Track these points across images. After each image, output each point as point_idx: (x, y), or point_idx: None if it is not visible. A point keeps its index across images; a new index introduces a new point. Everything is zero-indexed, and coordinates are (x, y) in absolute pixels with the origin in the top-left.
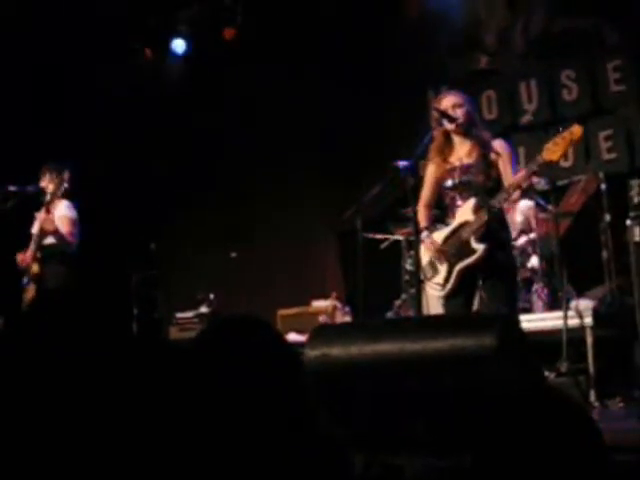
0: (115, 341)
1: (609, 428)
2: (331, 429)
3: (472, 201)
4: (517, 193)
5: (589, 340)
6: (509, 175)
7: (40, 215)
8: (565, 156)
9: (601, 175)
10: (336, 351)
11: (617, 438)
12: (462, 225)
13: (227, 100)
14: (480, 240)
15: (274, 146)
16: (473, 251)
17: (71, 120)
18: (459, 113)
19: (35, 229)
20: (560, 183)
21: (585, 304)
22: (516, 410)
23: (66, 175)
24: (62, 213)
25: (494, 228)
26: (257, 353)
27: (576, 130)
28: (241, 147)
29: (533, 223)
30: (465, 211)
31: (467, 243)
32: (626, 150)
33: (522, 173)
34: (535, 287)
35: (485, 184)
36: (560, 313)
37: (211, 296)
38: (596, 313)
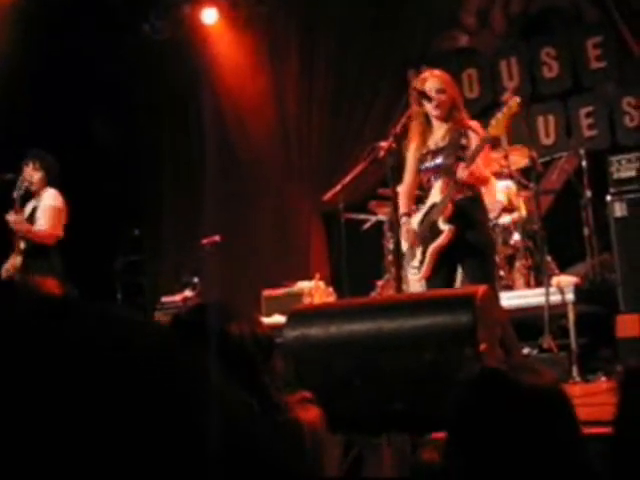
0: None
1: (592, 402)
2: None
3: (440, 182)
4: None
5: (571, 316)
6: None
7: (10, 214)
8: (547, 134)
9: (582, 152)
10: (315, 331)
11: (600, 412)
12: (432, 207)
13: (201, 82)
14: (447, 221)
15: (256, 127)
16: (441, 232)
17: (51, 106)
18: (442, 98)
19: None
20: (541, 160)
21: (567, 280)
22: (484, 384)
23: (50, 164)
24: (47, 203)
25: (466, 208)
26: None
27: (513, 103)
28: (224, 129)
29: (515, 202)
30: (435, 193)
31: (436, 224)
32: (607, 127)
33: (473, 147)
34: (517, 264)
35: (454, 166)
36: (542, 290)
37: (195, 279)
38: (578, 289)
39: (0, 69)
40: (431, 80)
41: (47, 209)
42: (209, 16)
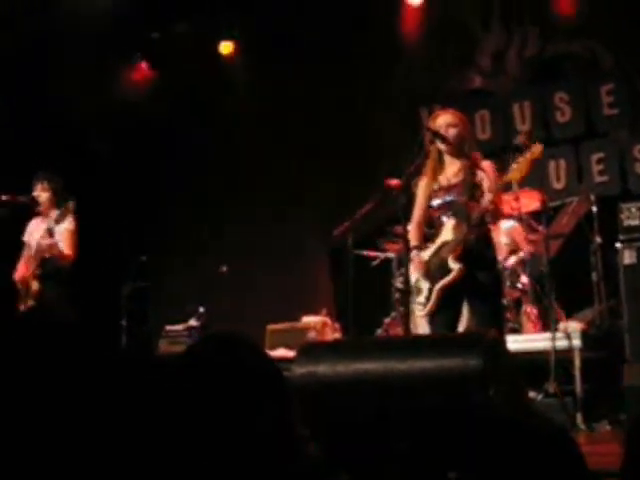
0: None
1: (595, 451)
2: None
3: (452, 220)
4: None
5: (577, 362)
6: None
7: (44, 238)
8: (557, 178)
9: (592, 197)
10: (323, 369)
11: (604, 462)
12: (443, 245)
13: (217, 115)
14: (458, 259)
15: (266, 162)
16: (450, 270)
17: (65, 131)
18: (451, 133)
19: (27, 239)
20: (552, 204)
21: (574, 326)
22: (500, 431)
23: (59, 185)
24: (65, 226)
25: (475, 247)
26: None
27: (535, 149)
28: (232, 162)
29: (521, 243)
30: (446, 231)
31: (445, 262)
32: (618, 173)
33: (492, 183)
34: (524, 308)
35: (467, 205)
36: (549, 334)
37: (201, 309)
38: (585, 335)
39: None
40: (443, 116)
41: (65, 232)
42: (225, 48)
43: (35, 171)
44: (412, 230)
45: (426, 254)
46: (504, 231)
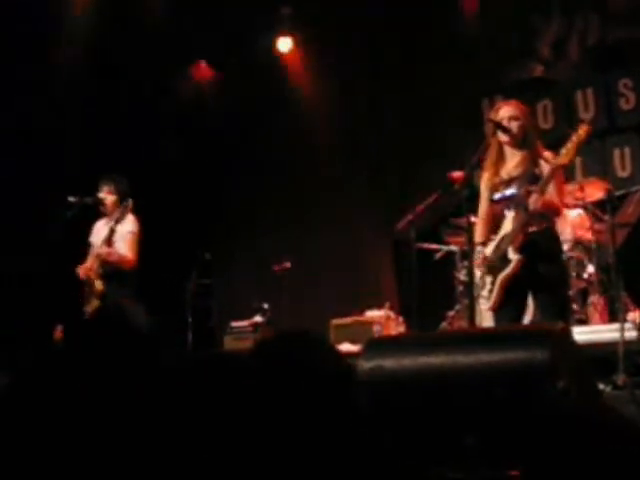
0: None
1: None
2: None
3: (512, 213)
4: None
5: None
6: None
7: (103, 247)
8: (622, 166)
9: None
10: (389, 363)
11: None
12: (504, 237)
13: (275, 111)
14: (517, 250)
15: (327, 154)
16: (510, 261)
17: (131, 131)
18: (514, 125)
19: (93, 240)
20: (617, 193)
21: None
22: (568, 426)
23: (125, 187)
24: (128, 229)
25: (538, 239)
26: (311, 369)
27: (582, 131)
28: (292, 157)
29: (587, 233)
30: (507, 224)
31: (506, 254)
32: None
33: (544, 175)
34: (591, 298)
35: (527, 196)
36: (617, 325)
37: (265, 305)
38: None
39: (77, 94)
40: (504, 108)
41: (127, 235)
42: (284, 45)
43: (102, 172)
44: (478, 225)
45: (489, 249)
46: (570, 221)
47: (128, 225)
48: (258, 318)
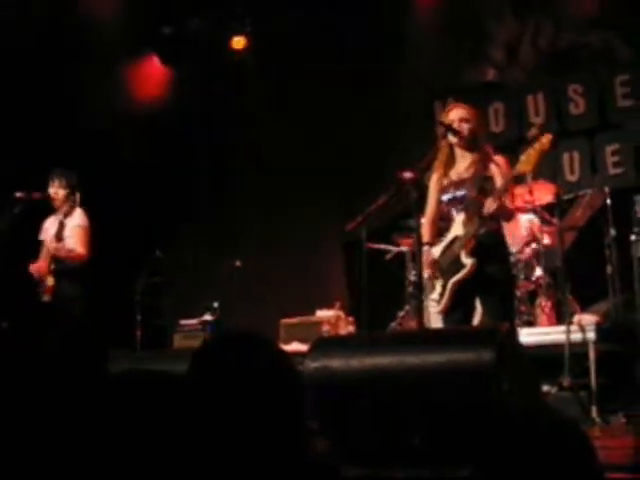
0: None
1: (610, 445)
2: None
3: (462, 215)
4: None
5: (592, 355)
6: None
7: (52, 241)
8: (571, 170)
9: (607, 190)
10: (336, 363)
11: (618, 455)
12: (454, 240)
13: (231, 111)
14: (470, 254)
15: (279, 156)
16: (463, 266)
17: (79, 127)
18: (464, 128)
19: (44, 237)
20: (566, 197)
21: (588, 319)
22: (512, 425)
23: (75, 182)
24: (76, 223)
25: (486, 242)
26: (255, 370)
27: (545, 140)
28: (245, 156)
29: (538, 236)
30: (456, 226)
31: (458, 258)
32: (632, 165)
33: (502, 181)
34: (539, 300)
35: (478, 199)
36: (563, 327)
37: (215, 304)
38: (599, 328)
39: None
40: (454, 110)
41: (76, 229)
42: (237, 43)
43: (49, 167)
44: (424, 226)
45: (437, 250)
46: (523, 224)
47: (76, 219)
48: (207, 317)
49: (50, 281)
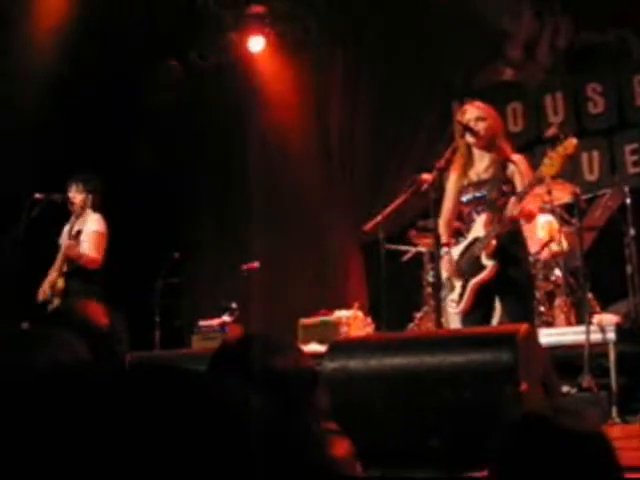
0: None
1: (631, 446)
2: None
3: (483, 216)
4: (527, 205)
5: (612, 355)
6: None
7: (64, 234)
8: (591, 170)
9: (626, 189)
10: (354, 364)
11: (638, 456)
12: (474, 241)
13: (246, 108)
14: (490, 256)
15: (299, 158)
16: (483, 267)
17: (98, 131)
18: (481, 127)
19: (62, 242)
20: (585, 197)
21: (608, 319)
22: (531, 426)
23: (94, 187)
24: (92, 229)
25: (506, 244)
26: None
27: (569, 144)
28: (264, 156)
29: (556, 236)
30: (477, 227)
31: (478, 259)
32: None
33: (523, 183)
34: (558, 301)
35: (498, 200)
36: (583, 327)
37: (234, 305)
38: (619, 328)
39: (44, 92)
40: (471, 110)
41: (92, 234)
42: (256, 44)
43: (71, 171)
44: (441, 226)
45: (456, 251)
46: (542, 225)
47: (93, 224)
48: (226, 318)
49: (60, 283)
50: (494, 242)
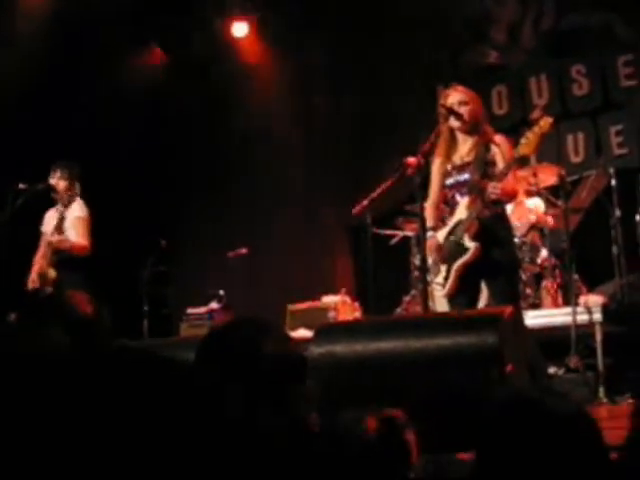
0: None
1: (618, 425)
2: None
3: (465, 199)
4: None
5: (598, 336)
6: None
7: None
8: (576, 152)
9: (611, 170)
10: (341, 348)
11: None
12: (458, 224)
13: (230, 93)
14: (473, 238)
15: (283, 141)
16: (467, 249)
17: (81, 117)
18: (464, 110)
19: (45, 229)
20: (570, 178)
21: (594, 300)
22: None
23: (76, 173)
24: (76, 214)
25: (491, 226)
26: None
27: (544, 123)
28: (250, 142)
29: (543, 218)
30: (460, 210)
31: (461, 241)
32: (637, 145)
33: (503, 165)
34: (544, 283)
35: (481, 182)
36: (569, 309)
37: (221, 292)
38: (605, 309)
39: (26, 78)
40: (454, 94)
41: (75, 220)
42: (239, 29)
43: (53, 158)
44: (428, 210)
45: (441, 235)
46: (528, 207)
47: (76, 210)
48: (214, 305)
49: (52, 273)
50: (476, 223)
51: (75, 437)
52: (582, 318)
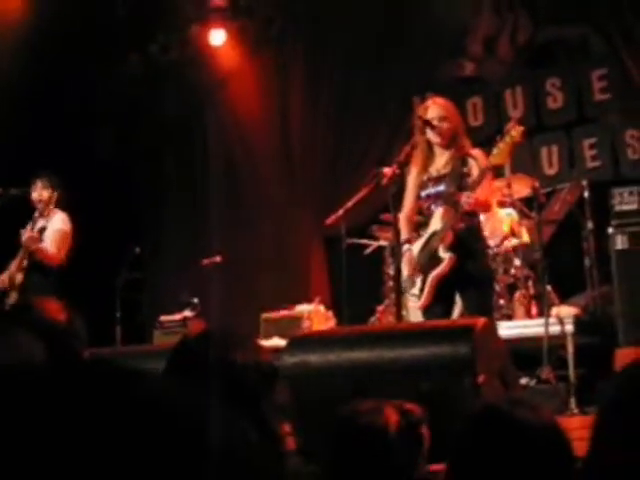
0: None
1: (589, 436)
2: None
3: (440, 210)
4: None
5: (570, 347)
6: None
7: (26, 230)
8: (550, 164)
9: (584, 183)
10: (314, 358)
11: None
12: (433, 235)
13: (207, 102)
14: (448, 248)
15: (259, 150)
16: (441, 260)
17: (54, 123)
18: (443, 126)
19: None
20: (544, 190)
21: (567, 311)
22: (488, 418)
23: (57, 182)
24: (57, 226)
25: (465, 238)
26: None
27: (516, 132)
28: (224, 150)
29: (517, 229)
30: (435, 221)
31: (436, 252)
32: (610, 158)
33: (476, 174)
34: (517, 294)
35: (455, 194)
36: (542, 320)
37: (195, 300)
38: (578, 320)
39: (5, 87)
40: (433, 108)
41: (56, 232)
42: (217, 37)
43: (26, 165)
44: (402, 222)
45: (416, 247)
46: (501, 218)
47: (59, 222)
48: (187, 312)
49: (19, 277)
50: (451, 234)
51: (38, 454)
52: (554, 329)
